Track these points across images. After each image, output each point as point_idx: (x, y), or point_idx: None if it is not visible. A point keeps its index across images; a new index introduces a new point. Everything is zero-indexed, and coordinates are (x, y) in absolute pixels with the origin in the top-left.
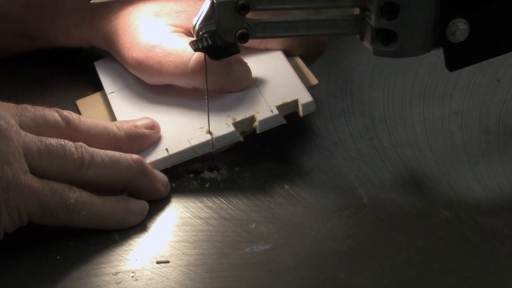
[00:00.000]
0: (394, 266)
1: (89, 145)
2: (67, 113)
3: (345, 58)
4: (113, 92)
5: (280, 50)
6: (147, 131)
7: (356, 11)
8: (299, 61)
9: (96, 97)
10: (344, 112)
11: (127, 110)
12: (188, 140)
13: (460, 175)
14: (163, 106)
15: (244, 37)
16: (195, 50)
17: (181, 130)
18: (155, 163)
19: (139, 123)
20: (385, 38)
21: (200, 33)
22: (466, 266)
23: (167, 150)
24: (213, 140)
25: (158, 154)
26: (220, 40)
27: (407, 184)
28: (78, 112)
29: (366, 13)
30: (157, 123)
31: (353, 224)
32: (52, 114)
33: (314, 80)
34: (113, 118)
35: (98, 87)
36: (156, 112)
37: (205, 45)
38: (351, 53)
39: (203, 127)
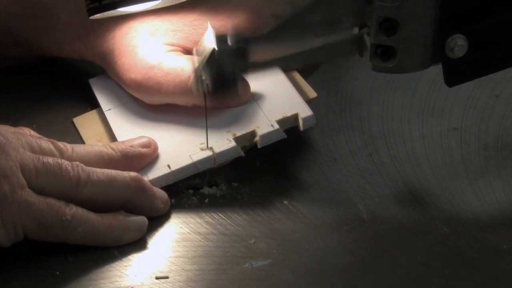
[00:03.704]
0: (393, 281)
1: None
2: (61, 144)
3: (344, 74)
4: (110, 109)
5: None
6: (143, 149)
7: (355, 30)
8: (296, 75)
9: (92, 114)
10: (343, 128)
11: (125, 127)
12: (190, 156)
13: (459, 190)
14: (162, 122)
15: (244, 71)
16: (196, 92)
17: (182, 146)
18: (157, 180)
19: (135, 142)
20: (384, 54)
21: (203, 78)
22: (465, 282)
23: (169, 166)
24: (215, 155)
25: (160, 170)
26: (220, 85)
27: (406, 200)
28: (76, 130)
29: (365, 30)
30: (153, 141)
31: (352, 239)
32: (47, 144)
33: (312, 94)
34: (111, 135)
35: (96, 102)
36: (155, 128)
37: (206, 90)
38: (350, 69)
39: (203, 143)
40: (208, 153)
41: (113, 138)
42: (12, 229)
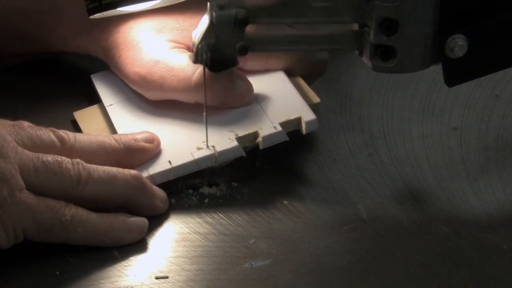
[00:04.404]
0: (393, 281)
1: (87, 162)
2: (62, 133)
3: (344, 74)
4: (111, 104)
5: (281, 70)
6: (146, 144)
7: (355, 27)
8: (300, 80)
9: (94, 109)
10: (343, 128)
11: (127, 123)
12: (191, 153)
13: (459, 190)
14: (164, 119)
15: (244, 50)
16: (195, 62)
17: (184, 143)
18: (158, 175)
19: (138, 136)
20: (384, 54)
21: (200, 45)
22: (465, 282)
23: (170, 162)
24: (216, 154)
25: (161, 166)
26: (219, 53)
27: (406, 200)
28: (76, 124)
29: (365, 29)
30: (157, 137)
31: (352, 239)
32: (48, 134)
33: (316, 99)
34: (112, 130)
35: (97, 100)
36: (157, 125)
37: (204, 57)
38: (350, 69)
39: (205, 141)
40: (209, 151)
41: (114, 133)
42: (12, 232)
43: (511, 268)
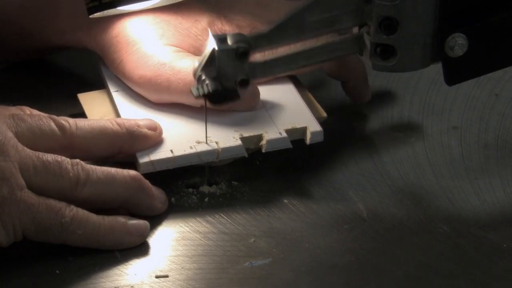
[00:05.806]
0: (393, 281)
1: (88, 150)
2: (63, 120)
3: None
4: (117, 91)
5: (291, 82)
6: (149, 131)
7: (354, 30)
8: (308, 93)
9: (99, 93)
10: (343, 127)
11: (132, 110)
12: (194, 146)
13: (459, 189)
14: (170, 110)
15: (245, 83)
16: (196, 96)
17: (188, 136)
18: (158, 162)
19: (141, 122)
20: (384, 53)
21: (202, 79)
22: (465, 281)
23: (172, 151)
24: (219, 150)
25: (163, 153)
26: (220, 86)
27: (406, 199)
28: (80, 106)
29: (365, 28)
30: (159, 125)
31: (352, 238)
32: (48, 123)
33: (323, 113)
34: (116, 115)
35: (102, 87)
36: (163, 115)
37: (206, 92)
38: None
39: (210, 136)
40: (213, 146)
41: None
42: (12, 231)
43: (511, 267)
